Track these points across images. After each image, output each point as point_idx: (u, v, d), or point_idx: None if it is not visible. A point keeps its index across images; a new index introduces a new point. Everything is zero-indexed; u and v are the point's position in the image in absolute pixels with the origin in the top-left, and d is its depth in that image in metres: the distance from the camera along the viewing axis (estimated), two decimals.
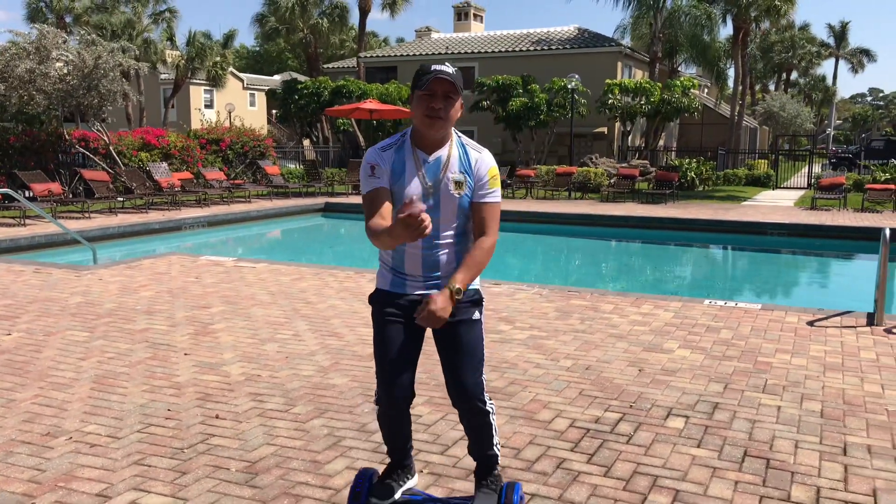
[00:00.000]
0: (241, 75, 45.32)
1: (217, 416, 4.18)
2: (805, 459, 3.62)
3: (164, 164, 17.72)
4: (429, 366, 4.96)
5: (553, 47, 29.60)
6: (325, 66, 35.55)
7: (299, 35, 33.24)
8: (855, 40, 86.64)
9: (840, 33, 63.94)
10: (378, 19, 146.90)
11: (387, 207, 2.70)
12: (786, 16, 29.82)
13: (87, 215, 14.75)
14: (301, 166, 24.88)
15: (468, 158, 2.77)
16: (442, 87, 2.62)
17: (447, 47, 31.70)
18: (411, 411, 3.08)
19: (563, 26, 32.35)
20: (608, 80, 26.62)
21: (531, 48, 29.85)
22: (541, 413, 4.20)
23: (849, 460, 3.62)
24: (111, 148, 17.26)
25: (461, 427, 3.36)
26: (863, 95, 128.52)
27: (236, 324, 6.28)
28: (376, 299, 2.86)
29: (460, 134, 2.84)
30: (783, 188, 25.53)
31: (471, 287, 2.80)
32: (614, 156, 28.25)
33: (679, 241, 14.74)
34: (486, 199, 2.77)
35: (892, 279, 11.28)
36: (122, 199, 15.99)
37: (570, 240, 15.24)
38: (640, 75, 31.86)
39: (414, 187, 2.72)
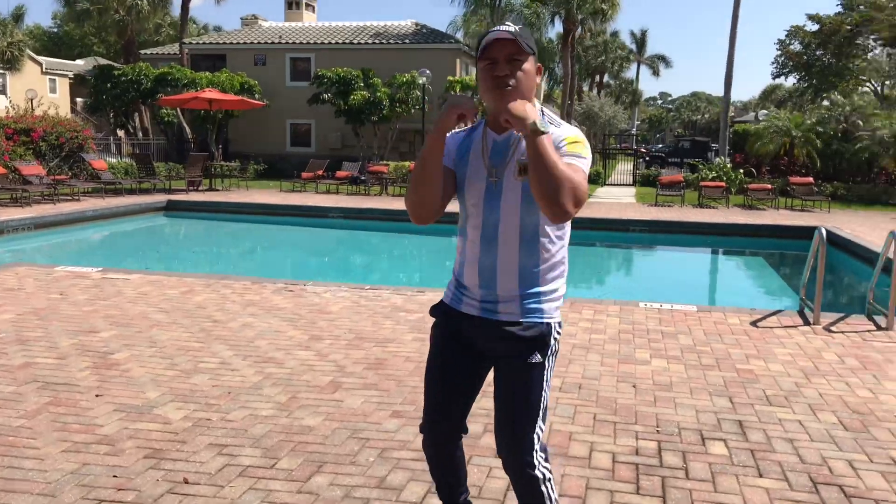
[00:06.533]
0: (39, 58, 40.81)
1: (186, 481, 3.30)
2: (872, 482, 3.39)
3: None
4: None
5: (392, 41, 29.10)
6: (143, 52, 32.73)
7: (114, 17, 30.29)
8: (652, 48, 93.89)
9: (641, 40, 68.84)
10: (198, 6, 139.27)
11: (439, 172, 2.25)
12: (611, 19, 31.41)
13: None
14: (123, 160, 22.62)
15: None
16: (503, 49, 2.14)
17: (280, 36, 30.22)
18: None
19: (399, 20, 31.93)
20: (450, 77, 26.58)
21: (370, 41, 29.16)
22: (572, 447, 3.71)
23: None
24: None
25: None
26: (654, 99, 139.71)
27: (142, 351, 5.23)
28: (437, 312, 2.45)
29: (546, 110, 2.27)
30: (610, 185, 26.82)
31: (532, 319, 2.23)
32: None
33: None
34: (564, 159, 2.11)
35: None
36: None
37: (446, 239, 14.87)
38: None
39: (473, 170, 2.27)
